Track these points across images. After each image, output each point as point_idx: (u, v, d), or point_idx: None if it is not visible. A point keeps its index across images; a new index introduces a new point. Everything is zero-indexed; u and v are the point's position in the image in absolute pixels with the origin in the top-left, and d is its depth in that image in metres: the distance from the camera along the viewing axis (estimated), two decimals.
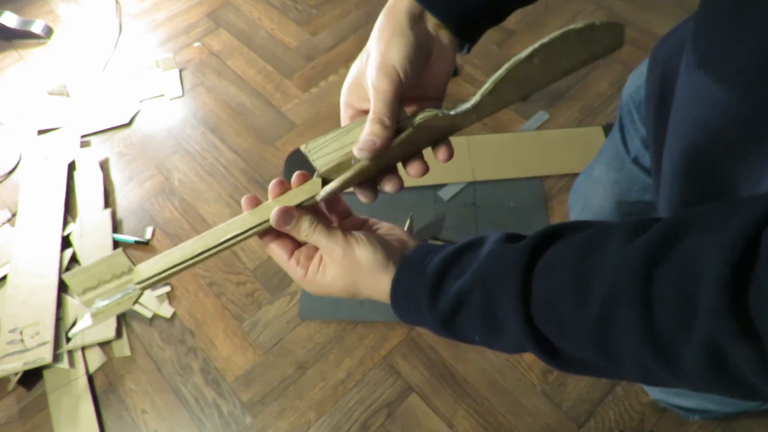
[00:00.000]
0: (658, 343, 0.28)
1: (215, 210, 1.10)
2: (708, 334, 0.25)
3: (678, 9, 1.39)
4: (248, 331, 0.94)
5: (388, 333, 0.92)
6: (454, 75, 1.27)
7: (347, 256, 0.43)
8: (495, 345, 0.39)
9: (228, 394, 0.88)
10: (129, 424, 0.87)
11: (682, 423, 0.82)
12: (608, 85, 1.24)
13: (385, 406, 0.86)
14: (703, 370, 0.27)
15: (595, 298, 0.30)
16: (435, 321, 0.40)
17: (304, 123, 1.22)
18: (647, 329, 0.28)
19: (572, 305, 0.32)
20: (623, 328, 0.29)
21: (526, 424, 0.83)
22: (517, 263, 0.35)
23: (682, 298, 0.26)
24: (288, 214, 0.43)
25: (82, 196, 1.12)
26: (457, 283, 0.38)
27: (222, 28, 1.44)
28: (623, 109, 0.74)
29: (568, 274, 0.33)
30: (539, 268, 0.35)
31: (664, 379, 0.30)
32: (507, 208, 1.04)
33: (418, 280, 0.40)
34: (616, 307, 0.29)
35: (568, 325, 0.32)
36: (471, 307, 0.38)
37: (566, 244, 0.34)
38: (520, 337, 0.35)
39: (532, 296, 0.34)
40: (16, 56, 1.42)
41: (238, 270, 1.01)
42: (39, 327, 0.92)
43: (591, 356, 0.33)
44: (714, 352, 0.25)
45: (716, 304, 0.24)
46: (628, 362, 0.31)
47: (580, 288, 0.32)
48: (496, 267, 0.37)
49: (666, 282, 0.27)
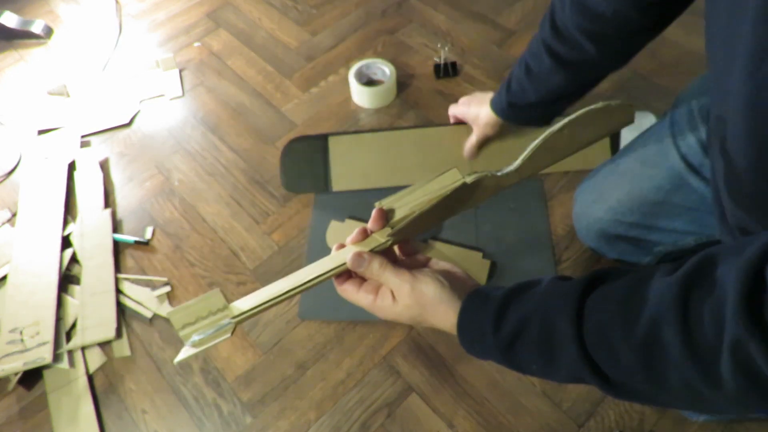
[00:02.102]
0: (698, 357, 0.32)
1: (215, 210, 1.10)
2: (733, 341, 0.29)
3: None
4: (248, 331, 0.94)
5: (388, 333, 0.92)
6: (454, 75, 1.27)
7: (415, 290, 0.48)
8: (551, 373, 0.42)
9: (228, 394, 0.88)
10: (129, 424, 0.87)
11: (683, 423, 0.82)
12: (608, 84, 1.24)
13: (385, 406, 0.86)
14: (737, 377, 0.30)
15: (642, 322, 0.34)
16: (497, 348, 0.44)
17: (304, 123, 1.22)
18: (688, 345, 0.32)
19: (621, 330, 0.36)
20: (667, 346, 0.33)
21: (526, 424, 0.83)
22: (572, 294, 0.39)
23: (713, 316, 0.31)
24: (360, 257, 0.50)
25: (82, 196, 1.12)
26: (518, 312, 0.43)
27: (222, 28, 1.44)
28: (681, 108, 0.73)
29: (617, 304, 0.37)
30: (592, 299, 0.39)
31: (707, 396, 0.33)
32: (507, 208, 1.04)
33: (484, 310, 0.45)
34: (660, 328, 0.33)
35: (618, 350, 0.36)
36: (530, 333, 0.41)
37: (616, 281, 0.39)
38: (574, 364, 0.39)
39: (585, 324, 0.38)
40: (16, 56, 1.42)
41: (238, 270, 1.01)
42: (39, 327, 0.92)
43: (640, 380, 0.36)
44: (741, 357, 0.29)
45: (736, 312, 0.29)
46: (674, 381, 0.34)
47: (628, 314, 0.36)
48: (553, 298, 0.41)
49: (700, 303, 0.32)
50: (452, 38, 1.36)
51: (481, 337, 0.45)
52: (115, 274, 1.00)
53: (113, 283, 0.99)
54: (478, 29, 1.38)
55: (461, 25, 1.39)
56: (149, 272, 1.02)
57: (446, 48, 1.28)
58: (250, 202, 1.10)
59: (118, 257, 1.04)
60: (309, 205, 1.09)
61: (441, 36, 1.37)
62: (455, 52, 1.32)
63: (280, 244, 1.04)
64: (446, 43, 1.32)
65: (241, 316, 0.48)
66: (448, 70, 1.27)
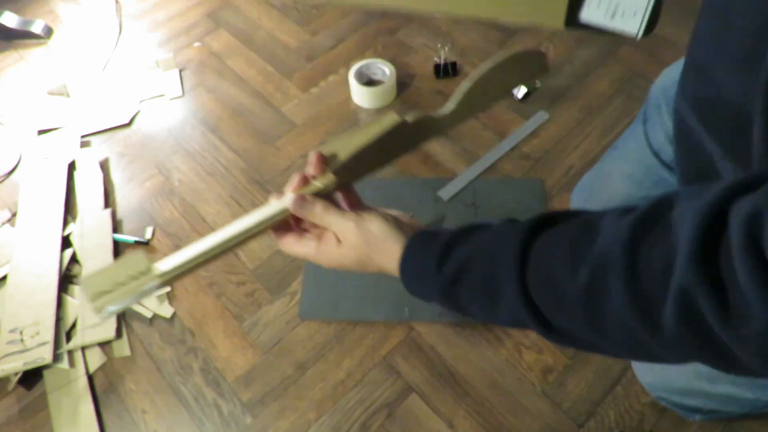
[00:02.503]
0: (642, 306, 0.30)
1: (215, 210, 1.10)
2: (681, 288, 0.28)
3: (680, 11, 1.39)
4: (248, 331, 0.94)
5: (388, 333, 0.92)
6: (453, 75, 1.27)
7: (360, 228, 0.46)
8: (492, 316, 0.41)
9: (228, 394, 0.88)
10: (129, 424, 0.87)
11: (683, 423, 0.82)
12: (608, 85, 1.24)
13: (385, 406, 0.86)
14: (679, 326, 0.28)
15: (587, 265, 0.33)
16: (438, 287, 0.42)
17: (304, 123, 1.22)
18: (632, 292, 0.30)
19: (565, 273, 0.34)
20: (610, 291, 0.31)
21: (526, 424, 0.83)
22: (518, 236, 0.38)
23: (663, 262, 0.29)
24: (303, 199, 0.47)
25: (82, 196, 1.12)
26: (463, 251, 0.41)
27: (222, 28, 1.44)
28: (650, 102, 0.75)
29: (564, 248, 0.35)
30: (539, 242, 0.37)
31: (646, 345, 0.32)
32: (507, 208, 1.04)
33: (429, 248, 0.43)
34: (605, 274, 0.32)
35: (561, 295, 0.35)
36: (472, 273, 0.40)
37: (565, 224, 0.37)
38: (515, 307, 0.37)
39: (529, 265, 0.37)
40: (16, 56, 1.42)
41: (238, 270, 1.01)
42: (39, 327, 0.92)
43: (580, 326, 0.35)
44: (686, 304, 0.28)
45: (688, 259, 0.27)
46: (614, 327, 0.32)
47: (574, 257, 0.34)
48: (499, 239, 0.40)
49: (650, 247, 0.30)
50: (452, 38, 1.36)
51: (424, 276, 0.43)
52: None
53: None
54: (478, 29, 1.38)
55: (461, 25, 1.39)
56: None
57: (446, 48, 1.28)
58: (250, 202, 1.10)
59: (118, 257, 1.04)
60: None
61: (441, 36, 1.37)
62: (455, 52, 1.32)
63: None
64: (446, 43, 1.32)
65: (168, 275, 0.43)
66: (448, 70, 1.27)
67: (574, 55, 1.31)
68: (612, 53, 1.30)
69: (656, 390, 0.81)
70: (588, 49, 1.32)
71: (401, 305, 0.94)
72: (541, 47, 1.33)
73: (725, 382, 0.67)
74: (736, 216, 0.26)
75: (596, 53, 1.31)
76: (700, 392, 0.72)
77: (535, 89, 1.23)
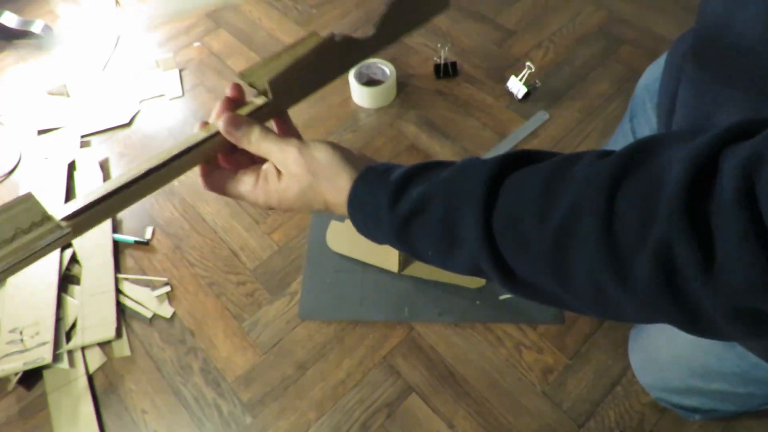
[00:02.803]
0: (614, 255, 0.28)
1: (215, 210, 1.10)
2: (661, 239, 0.25)
3: (678, 9, 1.39)
4: (248, 331, 0.94)
5: (388, 333, 0.92)
6: (454, 75, 1.27)
7: (304, 155, 0.41)
8: (448, 261, 0.37)
9: (228, 394, 0.88)
10: (129, 424, 0.87)
11: (683, 423, 0.82)
12: (608, 85, 1.24)
13: (385, 406, 0.86)
14: (651, 278, 0.26)
15: (558, 211, 0.30)
16: (391, 226, 0.38)
17: (304, 123, 1.22)
18: (606, 240, 0.28)
19: (535, 218, 0.31)
20: (582, 239, 0.29)
21: (526, 424, 0.83)
22: (486, 173, 0.34)
23: (643, 210, 0.26)
24: (237, 119, 0.41)
25: None
26: (421, 187, 0.37)
27: (222, 28, 1.44)
28: (636, 99, 0.75)
29: (535, 189, 0.32)
30: (508, 182, 0.33)
31: (613, 301, 0.30)
32: None
33: (382, 182, 0.38)
34: (578, 219, 0.29)
35: (528, 240, 0.31)
36: (430, 212, 0.36)
37: (538, 164, 0.34)
38: (476, 251, 0.34)
39: (496, 208, 0.33)
40: (16, 56, 1.42)
41: (238, 270, 1.01)
42: (39, 327, 0.92)
43: (544, 276, 0.32)
44: (663, 256, 0.26)
45: (673, 208, 0.25)
46: (582, 281, 0.30)
47: (545, 201, 0.31)
48: (463, 175, 0.35)
49: (630, 195, 0.27)
50: (452, 38, 1.36)
51: (375, 212, 0.38)
52: (115, 274, 1.00)
53: (113, 283, 0.99)
54: (478, 29, 1.38)
55: (461, 25, 1.39)
56: (149, 272, 1.02)
57: (446, 48, 1.28)
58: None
59: (118, 257, 1.04)
60: None
61: (441, 36, 1.37)
62: (455, 52, 1.32)
63: (280, 244, 1.04)
64: (446, 43, 1.32)
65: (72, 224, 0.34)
66: (448, 70, 1.27)
67: (574, 55, 1.31)
68: (612, 53, 1.30)
69: (655, 390, 0.81)
70: (588, 49, 1.32)
71: (401, 305, 0.94)
72: (542, 47, 1.33)
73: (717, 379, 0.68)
74: (729, 162, 0.24)
75: (596, 53, 1.31)
76: (696, 390, 0.72)
77: (535, 89, 1.23)
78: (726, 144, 0.25)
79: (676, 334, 0.72)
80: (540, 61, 1.29)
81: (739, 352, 0.63)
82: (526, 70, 1.22)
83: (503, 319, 0.92)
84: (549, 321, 0.92)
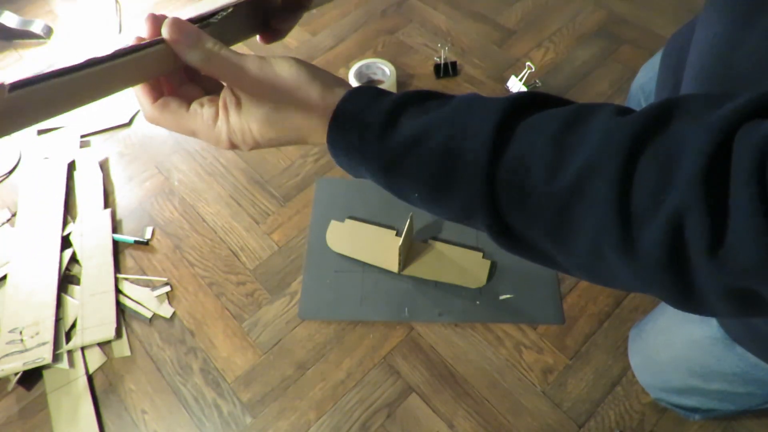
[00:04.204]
0: (625, 220, 0.27)
1: (215, 210, 1.10)
2: (676, 207, 0.25)
3: (678, 8, 1.39)
4: (248, 331, 0.94)
5: (388, 333, 0.92)
6: (454, 75, 1.27)
7: (264, 71, 0.34)
8: (436, 203, 0.33)
9: (228, 394, 0.88)
10: (129, 424, 0.87)
11: (683, 423, 0.82)
12: (608, 85, 1.24)
13: (385, 406, 0.86)
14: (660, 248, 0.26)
15: (571, 167, 0.28)
16: (378, 161, 0.33)
17: None
18: (619, 205, 0.27)
19: (544, 170, 0.29)
20: (592, 201, 0.27)
21: (526, 424, 0.83)
22: (496, 114, 0.31)
23: (661, 178, 0.26)
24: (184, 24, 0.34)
25: (82, 196, 1.12)
26: (418, 120, 0.33)
27: None
28: (632, 99, 0.74)
29: (548, 140, 0.29)
30: (521, 126, 0.31)
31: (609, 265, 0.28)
32: None
33: (373, 107, 0.34)
34: (592, 180, 0.27)
35: (531, 194, 0.29)
36: (430, 146, 0.32)
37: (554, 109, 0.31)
38: (472, 198, 0.31)
39: (504, 153, 0.30)
40: (16, 56, 1.42)
41: (238, 270, 1.01)
42: (39, 327, 0.92)
43: (542, 234, 0.30)
44: (675, 226, 0.25)
45: (692, 176, 0.24)
46: (582, 242, 0.29)
47: (557, 155, 0.29)
48: (469, 114, 0.32)
49: (650, 161, 0.26)
50: (452, 38, 1.36)
51: (360, 142, 0.33)
52: (114, 274, 1.00)
53: (113, 283, 0.99)
54: (478, 29, 1.38)
55: (461, 25, 1.39)
56: (149, 272, 1.02)
57: (446, 48, 1.28)
58: (250, 202, 1.10)
59: (118, 257, 1.04)
60: (309, 205, 1.09)
61: (441, 36, 1.37)
62: (455, 52, 1.32)
63: (280, 244, 1.04)
64: (446, 43, 1.32)
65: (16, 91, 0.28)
66: (448, 70, 1.27)
67: (574, 55, 1.31)
68: (612, 53, 1.30)
69: (654, 390, 0.81)
70: (588, 49, 1.32)
71: (401, 305, 0.94)
72: (542, 47, 1.33)
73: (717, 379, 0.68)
74: (749, 138, 0.24)
75: (596, 53, 1.31)
76: (696, 390, 0.72)
77: (535, 89, 1.23)
78: (747, 118, 0.25)
79: (675, 334, 0.72)
80: (540, 61, 1.29)
81: (738, 352, 0.63)
82: (526, 70, 1.22)
83: (503, 319, 0.92)
84: (549, 321, 0.92)
